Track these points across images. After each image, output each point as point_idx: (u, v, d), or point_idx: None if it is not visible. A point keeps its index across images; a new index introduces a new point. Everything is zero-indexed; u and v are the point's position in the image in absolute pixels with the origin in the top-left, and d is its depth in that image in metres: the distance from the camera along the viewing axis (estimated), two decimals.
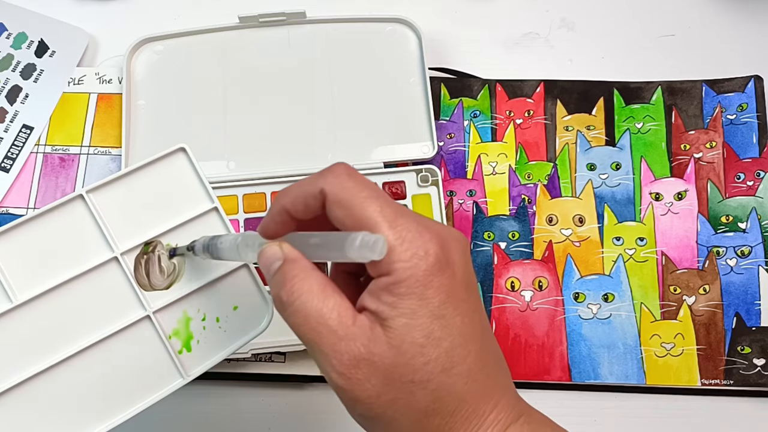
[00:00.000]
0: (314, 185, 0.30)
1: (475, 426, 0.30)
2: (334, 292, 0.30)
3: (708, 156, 0.56)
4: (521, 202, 0.55)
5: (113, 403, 0.38)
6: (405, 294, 0.28)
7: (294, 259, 0.30)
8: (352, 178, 0.30)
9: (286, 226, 0.32)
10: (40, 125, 0.57)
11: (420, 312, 0.28)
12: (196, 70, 0.57)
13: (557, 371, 0.51)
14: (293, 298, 0.29)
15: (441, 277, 0.29)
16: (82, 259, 0.38)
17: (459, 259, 0.30)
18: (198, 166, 0.40)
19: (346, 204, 0.29)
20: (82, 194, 0.38)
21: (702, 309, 0.52)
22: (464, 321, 0.29)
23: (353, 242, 0.27)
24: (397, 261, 0.28)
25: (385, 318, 0.28)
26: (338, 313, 0.29)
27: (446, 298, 0.29)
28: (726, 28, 0.61)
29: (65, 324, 0.37)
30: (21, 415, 0.37)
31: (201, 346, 0.39)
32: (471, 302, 0.30)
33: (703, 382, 0.51)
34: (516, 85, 0.58)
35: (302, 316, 0.29)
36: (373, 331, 0.29)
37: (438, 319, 0.29)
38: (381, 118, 0.56)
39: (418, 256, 0.28)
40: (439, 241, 0.29)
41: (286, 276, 0.30)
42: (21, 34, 0.59)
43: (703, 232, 0.54)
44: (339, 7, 0.60)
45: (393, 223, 0.29)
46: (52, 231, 0.38)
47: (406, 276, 0.28)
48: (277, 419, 0.52)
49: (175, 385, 0.38)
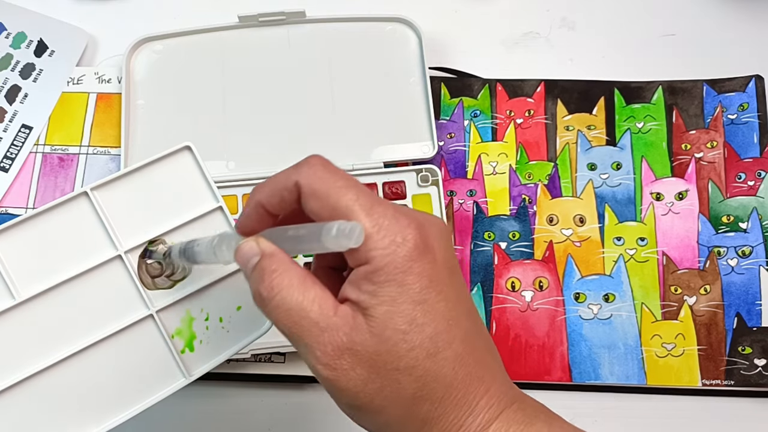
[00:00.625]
0: (289, 178, 0.30)
1: (465, 412, 0.29)
2: (314, 284, 0.29)
3: (709, 156, 0.56)
4: (522, 202, 0.55)
5: (115, 402, 0.38)
6: (384, 282, 0.28)
7: (272, 253, 0.30)
8: (327, 168, 0.30)
9: (262, 222, 0.31)
10: (39, 125, 0.57)
11: (401, 299, 0.28)
12: (196, 69, 0.57)
13: (558, 372, 0.51)
14: (273, 293, 0.29)
15: (421, 263, 0.28)
16: (85, 256, 0.38)
17: (439, 243, 0.29)
18: (203, 165, 0.40)
19: (321, 194, 0.29)
20: (87, 192, 0.38)
21: (703, 309, 0.52)
22: (448, 306, 0.29)
23: (329, 231, 0.27)
24: (374, 249, 0.28)
25: (366, 307, 0.28)
26: (319, 305, 0.29)
27: (428, 283, 0.28)
28: (727, 27, 0.60)
29: (68, 322, 0.37)
30: (22, 412, 0.37)
31: (204, 346, 0.39)
32: (454, 287, 0.30)
33: (704, 382, 0.51)
34: (516, 84, 0.58)
35: (283, 310, 0.29)
36: (355, 321, 0.28)
37: (420, 305, 0.28)
38: (381, 117, 0.56)
39: (396, 243, 0.28)
40: (417, 227, 0.29)
41: (264, 271, 0.29)
42: (20, 33, 0.59)
43: (704, 232, 0.54)
44: (339, 7, 0.59)
45: (369, 211, 0.28)
46: (56, 228, 0.38)
47: (384, 263, 0.28)
48: (277, 419, 0.51)
49: (178, 384, 0.38)
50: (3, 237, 0.37)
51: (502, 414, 0.30)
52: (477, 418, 0.29)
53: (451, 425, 0.29)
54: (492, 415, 0.30)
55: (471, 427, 0.29)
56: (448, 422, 0.29)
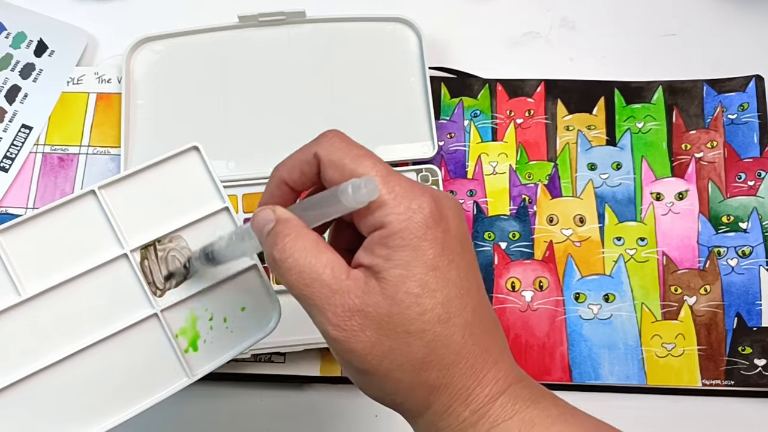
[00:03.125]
0: (308, 151, 0.31)
1: (473, 382, 0.29)
2: (326, 248, 0.30)
3: (709, 156, 0.56)
4: (522, 202, 0.55)
5: (117, 400, 0.38)
6: (399, 246, 0.28)
7: (287, 219, 0.30)
8: (343, 140, 0.31)
9: (285, 199, 0.32)
10: (39, 125, 0.57)
11: (415, 263, 0.28)
12: (196, 69, 0.57)
13: (558, 372, 0.51)
14: (286, 255, 0.30)
15: (435, 230, 0.29)
16: (91, 255, 0.38)
17: (453, 215, 0.30)
18: (210, 165, 0.40)
19: (338, 164, 0.30)
20: (94, 190, 0.38)
21: (703, 309, 0.52)
22: (460, 275, 0.29)
23: (345, 189, 0.27)
24: (390, 213, 0.28)
25: (379, 270, 0.29)
26: (331, 269, 0.29)
27: (441, 250, 0.29)
28: (727, 27, 0.60)
29: (72, 319, 0.37)
30: (26, 409, 0.37)
31: (208, 346, 0.39)
32: (466, 258, 0.30)
33: (704, 382, 0.51)
34: (516, 84, 0.58)
35: (295, 272, 0.29)
36: (367, 284, 0.29)
37: (433, 270, 0.29)
38: (381, 117, 0.56)
39: (412, 209, 0.29)
40: (432, 197, 0.29)
41: (278, 235, 0.30)
42: (20, 33, 0.59)
43: (704, 232, 0.54)
44: (339, 7, 0.59)
45: (386, 178, 0.29)
46: (63, 226, 0.38)
47: (400, 228, 0.28)
48: (277, 419, 0.51)
49: (181, 384, 0.38)
50: (9, 234, 0.37)
51: (510, 389, 0.30)
52: (485, 389, 0.29)
53: (459, 393, 0.29)
54: (500, 389, 0.30)
55: (479, 397, 0.29)
56: (455, 390, 0.29)
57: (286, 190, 0.32)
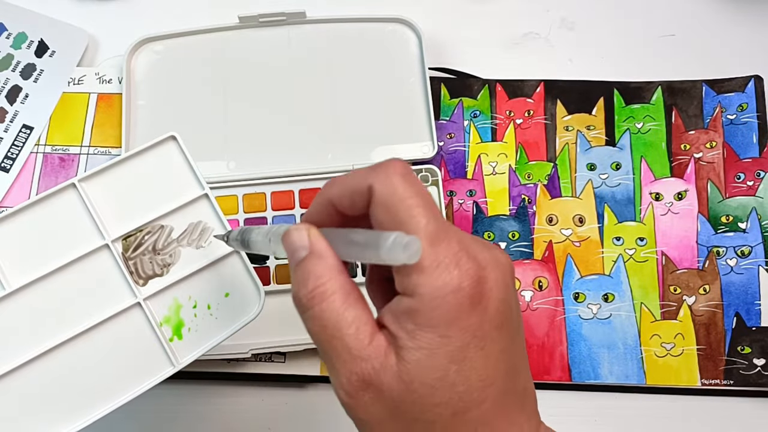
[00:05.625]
0: (363, 181, 0.28)
1: None
2: (356, 301, 0.28)
3: (708, 156, 0.56)
4: (521, 202, 0.55)
5: (104, 390, 0.38)
6: (426, 326, 0.26)
7: (320, 255, 0.28)
8: (405, 180, 0.27)
9: (330, 219, 0.30)
10: (40, 125, 0.57)
11: (438, 351, 0.26)
12: (196, 70, 0.57)
13: (557, 371, 0.51)
14: (313, 303, 0.28)
15: (469, 317, 0.26)
16: (73, 246, 0.38)
17: (496, 292, 0.27)
18: (188, 153, 0.40)
19: (391, 208, 0.27)
20: (74, 183, 0.39)
21: (702, 309, 0.52)
22: (487, 363, 0.27)
23: (386, 240, 0.25)
24: (424, 285, 0.26)
25: (401, 346, 0.27)
26: (356, 328, 0.27)
27: (470, 339, 0.27)
28: (726, 28, 0.61)
29: (56, 311, 0.38)
30: (11, 402, 0.37)
31: (192, 334, 0.39)
32: (501, 341, 0.28)
33: (703, 382, 0.51)
34: (516, 85, 0.58)
35: (319, 324, 0.28)
36: (386, 358, 0.27)
37: (456, 363, 0.26)
38: (381, 118, 0.56)
39: (449, 288, 0.26)
40: (477, 272, 0.27)
41: (309, 275, 0.28)
42: (21, 34, 0.59)
43: (703, 232, 0.54)
44: (339, 7, 0.59)
45: (434, 240, 0.26)
46: (45, 219, 0.38)
47: (431, 307, 0.26)
48: (277, 419, 0.52)
49: (166, 373, 0.38)
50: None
51: None
52: None
53: None
54: None
55: None
56: None
57: (332, 211, 0.30)
